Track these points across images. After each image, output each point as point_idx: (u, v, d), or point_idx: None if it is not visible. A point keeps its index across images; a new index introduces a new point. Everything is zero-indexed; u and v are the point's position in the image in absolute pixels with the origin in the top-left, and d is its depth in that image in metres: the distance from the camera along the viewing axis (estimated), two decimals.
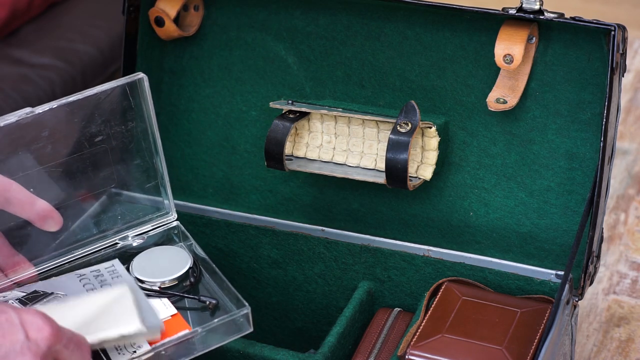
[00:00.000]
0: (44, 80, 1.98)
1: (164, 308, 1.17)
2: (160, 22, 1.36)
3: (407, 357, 1.20)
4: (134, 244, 1.24)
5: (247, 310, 1.15)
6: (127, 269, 1.21)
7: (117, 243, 1.24)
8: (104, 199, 1.27)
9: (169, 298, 1.18)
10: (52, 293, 1.16)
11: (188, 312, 1.18)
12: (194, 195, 1.43)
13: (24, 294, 1.16)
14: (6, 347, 0.98)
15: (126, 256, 1.23)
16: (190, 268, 1.20)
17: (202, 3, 1.38)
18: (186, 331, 1.14)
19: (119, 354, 1.11)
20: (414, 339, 1.21)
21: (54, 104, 1.15)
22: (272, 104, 1.34)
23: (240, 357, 1.24)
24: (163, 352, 1.12)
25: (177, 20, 1.37)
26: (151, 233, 1.26)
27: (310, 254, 1.39)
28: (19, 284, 1.19)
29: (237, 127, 1.41)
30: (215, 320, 1.14)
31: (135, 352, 1.11)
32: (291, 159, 1.35)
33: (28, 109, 1.14)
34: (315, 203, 1.40)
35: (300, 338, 1.43)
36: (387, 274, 1.36)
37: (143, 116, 1.22)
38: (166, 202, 1.26)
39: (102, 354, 1.11)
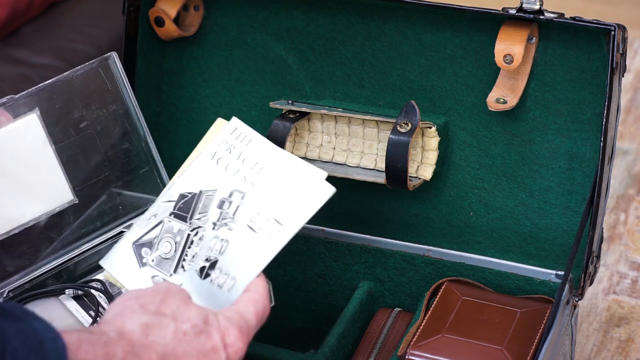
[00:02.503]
0: (44, 80, 1.98)
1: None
2: (160, 22, 1.36)
3: (407, 357, 1.20)
4: None
5: (268, 285, 1.16)
6: None
7: (123, 231, 1.24)
8: (106, 192, 1.27)
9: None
10: (200, 192, 1.13)
11: None
12: None
13: (175, 203, 1.13)
14: None
15: None
16: None
17: (202, 3, 1.38)
18: None
19: None
20: (414, 339, 1.21)
21: (32, 89, 1.18)
22: (272, 104, 1.34)
23: None
24: None
25: (177, 20, 1.37)
26: None
27: (310, 254, 1.39)
28: None
29: None
30: None
31: None
32: None
33: (9, 96, 1.17)
34: None
35: (300, 338, 1.43)
36: (387, 274, 1.36)
37: (121, 97, 1.24)
38: (163, 184, 1.27)
39: None
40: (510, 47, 1.22)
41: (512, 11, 1.21)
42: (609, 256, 1.64)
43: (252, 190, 1.10)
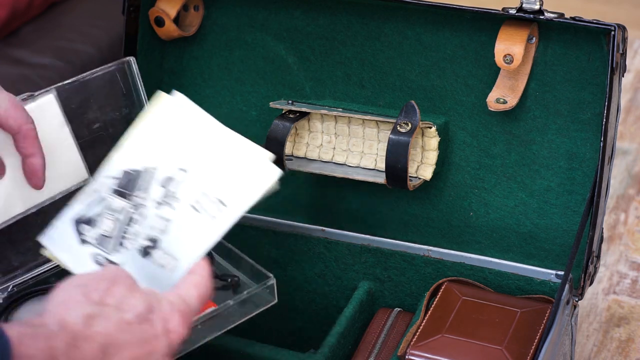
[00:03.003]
0: (44, 80, 1.98)
1: None
2: (160, 22, 1.36)
3: (407, 357, 1.20)
4: None
5: (272, 281, 1.17)
6: None
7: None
8: None
9: None
10: (143, 170, 1.11)
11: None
12: None
13: (117, 180, 1.11)
14: (148, 359, 0.97)
15: None
16: None
17: (202, 3, 1.38)
18: (212, 308, 1.14)
19: None
20: (414, 339, 1.21)
21: (51, 87, 1.19)
22: (272, 104, 1.34)
23: (240, 357, 1.24)
24: (199, 327, 1.12)
25: (177, 20, 1.37)
26: None
27: (310, 254, 1.39)
28: None
29: (237, 127, 1.40)
30: (245, 292, 1.16)
31: None
32: (291, 159, 1.35)
33: (29, 94, 1.17)
34: (315, 203, 1.40)
35: (300, 338, 1.43)
36: (387, 274, 1.36)
37: (134, 102, 1.24)
38: None
39: None
40: (510, 47, 1.22)
41: (512, 11, 1.21)
42: (609, 256, 1.64)
43: (195, 169, 1.08)
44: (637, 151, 1.87)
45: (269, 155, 1.07)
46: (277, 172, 1.06)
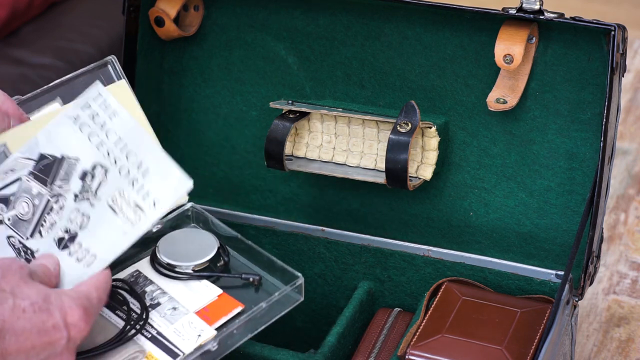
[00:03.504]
0: (44, 80, 1.98)
1: (208, 289, 1.16)
2: (160, 22, 1.36)
3: (407, 357, 1.20)
4: (154, 230, 1.23)
5: (301, 280, 1.18)
6: (153, 256, 1.19)
7: None
8: None
9: (208, 279, 1.18)
10: (62, 158, 1.10)
11: (233, 290, 1.18)
12: (194, 195, 1.42)
13: (34, 162, 1.10)
14: (47, 350, 0.98)
15: (146, 243, 1.21)
16: (219, 247, 1.20)
17: (202, 3, 1.38)
18: (239, 308, 1.14)
19: (182, 339, 1.10)
20: (414, 339, 1.21)
21: (37, 91, 1.19)
22: (272, 104, 1.34)
23: (240, 357, 1.24)
24: (235, 332, 1.13)
25: (177, 20, 1.37)
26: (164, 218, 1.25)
27: (310, 254, 1.39)
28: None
29: (237, 127, 1.41)
30: (276, 293, 1.16)
31: (199, 335, 1.11)
32: (291, 159, 1.35)
33: (16, 97, 1.17)
34: (315, 203, 1.40)
35: (300, 338, 1.43)
36: (387, 274, 1.36)
37: None
38: None
39: (164, 340, 1.10)
40: (510, 47, 1.22)
41: (512, 11, 1.21)
42: (609, 256, 1.63)
43: (114, 168, 1.07)
44: (637, 151, 1.87)
45: (181, 175, 1.06)
46: (188, 185, 1.06)
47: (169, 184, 1.06)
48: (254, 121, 1.40)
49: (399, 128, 1.26)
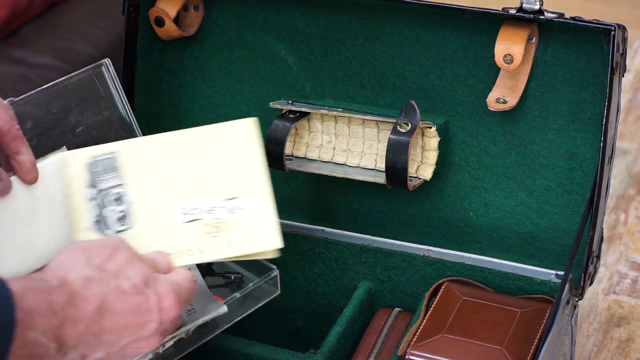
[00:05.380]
0: (44, 80, 1.98)
1: None
2: (160, 22, 1.36)
3: (407, 357, 1.20)
4: None
5: (275, 272, 1.20)
6: None
7: None
8: None
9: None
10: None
11: (216, 289, 1.21)
12: None
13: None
14: (139, 332, 0.99)
15: None
16: None
17: (202, 3, 1.38)
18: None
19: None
20: (414, 339, 1.21)
21: (31, 93, 1.20)
22: (272, 104, 1.34)
23: (240, 357, 1.24)
24: (209, 321, 1.15)
25: (177, 20, 1.37)
26: None
27: (310, 254, 1.39)
28: None
29: None
30: (250, 284, 1.19)
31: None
32: (291, 159, 1.35)
33: (9, 99, 1.18)
34: (315, 203, 1.40)
35: (300, 338, 1.43)
36: (387, 274, 1.36)
37: (115, 104, 1.25)
38: None
39: None
40: (510, 47, 1.22)
41: (512, 11, 1.21)
42: (609, 256, 1.64)
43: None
44: (637, 151, 1.87)
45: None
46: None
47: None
48: None
49: (399, 128, 1.26)
